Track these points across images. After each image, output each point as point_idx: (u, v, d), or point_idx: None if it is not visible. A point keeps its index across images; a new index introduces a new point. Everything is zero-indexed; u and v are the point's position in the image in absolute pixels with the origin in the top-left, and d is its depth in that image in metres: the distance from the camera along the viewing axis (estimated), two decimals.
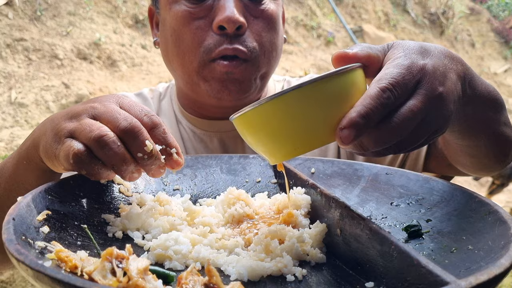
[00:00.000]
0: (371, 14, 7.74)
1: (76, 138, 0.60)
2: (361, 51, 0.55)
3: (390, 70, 0.52)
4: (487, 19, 9.37)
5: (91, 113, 0.62)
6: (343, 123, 0.49)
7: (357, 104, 0.50)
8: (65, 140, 0.61)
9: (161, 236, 0.58)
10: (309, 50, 6.52)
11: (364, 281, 0.52)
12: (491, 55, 8.89)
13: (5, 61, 4.11)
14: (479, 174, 0.89)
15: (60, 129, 0.62)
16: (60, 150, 0.61)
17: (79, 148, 0.58)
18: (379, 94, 0.50)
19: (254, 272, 0.53)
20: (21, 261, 0.41)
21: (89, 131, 0.59)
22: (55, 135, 0.63)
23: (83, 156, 0.58)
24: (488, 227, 0.54)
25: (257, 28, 0.95)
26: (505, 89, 8.15)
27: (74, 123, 0.62)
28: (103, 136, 0.58)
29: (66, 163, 0.59)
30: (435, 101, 0.52)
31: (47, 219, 0.55)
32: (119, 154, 0.59)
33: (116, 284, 0.41)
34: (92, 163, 0.59)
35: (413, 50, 0.55)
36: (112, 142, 0.58)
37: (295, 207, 0.68)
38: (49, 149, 0.63)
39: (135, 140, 0.60)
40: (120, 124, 0.60)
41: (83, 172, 0.60)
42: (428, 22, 8.51)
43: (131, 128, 0.60)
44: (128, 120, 0.60)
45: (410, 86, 0.52)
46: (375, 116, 0.49)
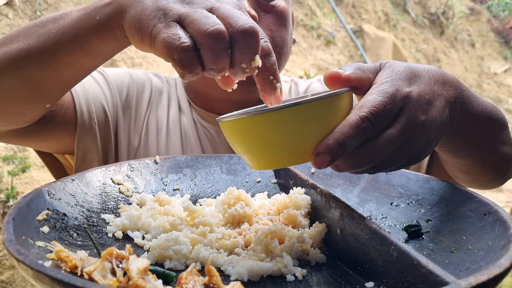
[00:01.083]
0: (371, 14, 7.74)
1: (184, 27, 0.53)
2: (353, 74, 0.54)
3: (373, 97, 0.51)
4: (487, 19, 9.38)
5: (208, 5, 0.55)
6: (320, 148, 0.50)
7: (336, 130, 0.50)
8: (171, 23, 0.53)
9: (161, 236, 0.58)
10: (309, 50, 6.52)
11: (364, 281, 0.52)
12: (491, 55, 8.89)
13: None
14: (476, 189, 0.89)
15: (168, 8, 0.54)
16: (161, 32, 0.52)
17: (188, 43, 0.51)
18: (358, 123, 0.50)
19: (254, 272, 0.53)
20: (21, 261, 0.41)
21: (204, 24, 0.51)
22: (158, 10, 0.54)
23: (190, 53, 0.51)
24: (488, 227, 0.54)
25: (267, 23, 0.95)
26: (505, 89, 8.16)
27: (186, 8, 0.54)
28: (218, 33, 0.50)
29: (165, 52, 0.51)
30: (414, 129, 0.52)
31: (47, 219, 0.55)
32: (225, 61, 0.52)
33: (116, 284, 0.41)
34: (193, 64, 0.51)
35: (401, 75, 0.54)
36: (224, 45, 0.51)
37: (295, 207, 0.68)
38: (144, 23, 0.55)
39: (248, 48, 0.52)
40: (241, 24, 0.52)
41: (179, 70, 0.52)
42: (428, 22, 8.51)
43: (251, 33, 0.52)
44: (250, 23, 0.52)
45: (392, 114, 0.51)
46: (351, 144, 0.50)
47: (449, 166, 0.84)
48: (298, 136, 0.52)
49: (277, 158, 0.54)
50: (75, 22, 0.67)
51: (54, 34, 0.68)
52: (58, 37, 0.68)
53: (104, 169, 0.72)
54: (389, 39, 7.05)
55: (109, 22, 0.63)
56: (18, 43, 0.71)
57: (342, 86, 0.54)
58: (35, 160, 3.25)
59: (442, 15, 8.60)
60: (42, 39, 0.69)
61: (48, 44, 0.69)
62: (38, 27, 0.71)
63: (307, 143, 0.52)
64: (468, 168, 0.78)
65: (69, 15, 0.69)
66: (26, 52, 0.70)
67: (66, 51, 0.69)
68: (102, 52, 0.69)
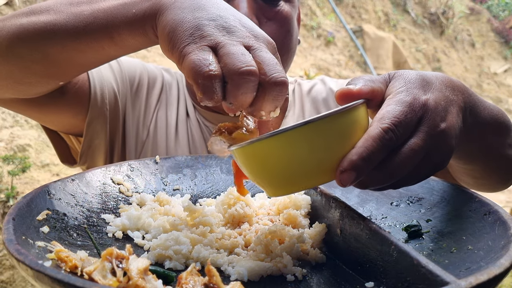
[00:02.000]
0: (371, 14, 7.74)
1: (217, 55, 0.52)
2: (364, 86, 0.53)
3: (392, 108, 0.50)
4: (487, 19, 9.38)
5: (248, 42, 0.53)
6: (344, 165, 0.48)
7: (358, 144, 0.48)
8: (204, 47, 0.52)
9: (161, 236, 0.58)
10: (309, 50, 6.52)
11: (364, 281, 0.52)
12: (491, 55, 8.89)
13: None
14: (482, 192, 0.88)
15: (207, 32, 0.53)
16: (192, 53, 0.51)
17: (217, 73, 0.50)
18: (381, 135, 0.48)
19: (254, 272, 0.53)
20: (21, 261, 0.41)
21: (239, 61, 0.50)
22: (197, 30, 0.53)
23: (216, 82, 0.50)
24: (488, 227, 0.54)
25: (270, 30, 0.94)
26: (505, 89, 8.16)
27: (225, 38, 0.53)
28: (252, 75, 0.50)
29: (191, 72, 0.50)
30: (436, 138, 0.51)
31: (47, 219, 0.55)
32: (247, 102, 0.51)
33: (116, 284, 0.42)
34: (215, 92, 0.50)
35: (415, 83, 0.53)
36: (253, 88, 0.50)
37: (295, 207, 0.68)
38: (178, 36, 0.54)
39: (274, 99, 0.52)
40: (273, 74, 0.51)
41: (198, 92, 0.51)
42: (428, 22, 8.51)
43: (282, 85, 0.51)
44: (282, 75, 0.52)
45: (412, 124, 0.50)
46: (376, 158, 0.48)
47: (456, 171, 0.83)
48: (319, 154, 0.49)
49: (298, 180, 0.51)
50: (110, 9, 0.65)
51: (86, 16, 0.66)
52: (90, 20, 0.66)
53: (104, 169, 0.72)
54: (389, 39, 7.05)
55: (144, 19, 0.61)
56: (47, 15, 0.69)
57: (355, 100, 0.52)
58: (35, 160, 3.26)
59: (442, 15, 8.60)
60: (72, 18, 0.67)
61: (77, 24, 0.66)
62: (72, 5, 0.68)
63: (329, 161, 0.49)
64: (476, 173, 0.77)
65: (106, 0, 0.67)
66: (53, 27, 0.67)
67: (94, 37, 0.66)
68: (128, 45, 0.67)
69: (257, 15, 0.92)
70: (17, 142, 3.55)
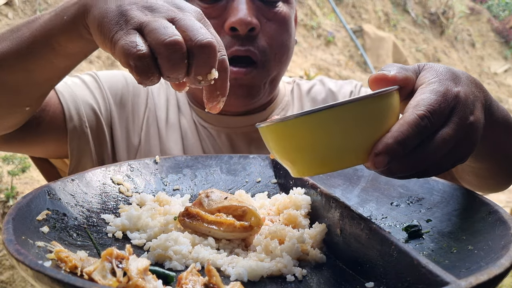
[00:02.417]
0: (371, 14, 7.74)
1: (143, 35, 0.53)
2: (399, 73, 0.55)
3: (427, 96, 0.51)
4: (487, 19, 9.38)
5: (170, 15, 0.56)
6: (379, 148, 0.49)
7: (393, 129, 0.49)
8: (131, 31, 0.54)
9: (161, 236, 0.58)
10: (309, 50, 6.52)
11: (364, 281, 0.52)
12: (491, 55, 8.89)
13: None
14: (482, 192, 0.89)
15: (130, 15, 0.55)
16: (121, 38, 0.53)
17: (144, 51, 0.51)
18: (417, 121, 0.49)
19: (254, 272, 0.53)
20: (21, 261, 0.41)
21: (163, 34, 0.52)
22: (120, 16, 0.55)
23: (146, 61, 0.52)
24: (488, 227, 0.54)
25: (269, 30, 0.95)
26: (505, 89, 8.16)
27: (148, 16, 0.55)
28: (175, 44, 0.51)
29: (123, 58, 0.53)
30: (465, 130, 0.52)
31: (47, 219, 0.55)
32: (181, 71, 0.53)
33: (116, 284, 0.41)
34: (150, 71, 0.52)
35: (446, 75, 0.55)
36: (181, 56, 0.52)
37: (295, 207, 0.68)
38: (106, 27, 0.56)
39: (205, 61, 0.53)
40: (199, 37, 0.53)
41: (135, 76, 0.53)
42: (428, 22, 8.51)
43: (209, 47, 0.53)
44: (208, 37, 0.53)
45: (445, 113, 0.51)
46: (411, 143, 0.49)
47: (462, 170, 0.84)
48: (354, 136, 0.49)
49: (330, 161, 0.51)
50: (45, 24, 0.68)
51: (27, 38, 0.69)
52: (30, 39, 0.69)
53: (104, 169, 0.72)
54: (389, 39, 7.05)
55: (74, 21, 0.63)
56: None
57: (388, 87, 0.53)
58: None
59: (442, 15, 8.60)
60: (15, 42, 0.70)
61: (20, 47, 0.70)
62: (13, 32, 0.72)
63: (363, 144, 0.50)
64: (483, 171, 0.77)
65: (41, 17, 0.70)
66: (0, 57, 0.71)
67: (39, 53, 0.69)
68: (72, 52, 0.70)
69: (256, 16, 0.93)
70: None
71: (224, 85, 0.59)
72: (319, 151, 0.51)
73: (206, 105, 0.61)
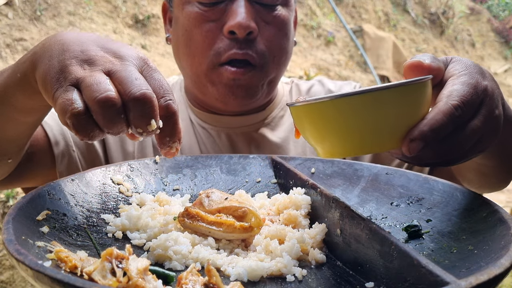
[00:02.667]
0: (371, 14, 7.74)
1: (80, 90, 0.53)
2: (433, 63, 0.56)
3: (459, 87, 0.53)
4: (487, 19, 9.37)
5: (107, 67, 0.55)
6: (414, 134, 0.51)
7: (429, 117, 0.51)
8: (68, 87, 0.53)
9: (161, 236, 0.58)
10: (309, 50, 6.52)
11: (364, 281, 0.52)
12: (491, 55, 8.89)
13: (5, 61, 4.10)
14: (481, 191, 0.90)
15: (68, 71, 0.55)
16: (59, 96, 0.53)
17: (79, 109, 0.51)
18: (451, 111, 0.51)
19: (254, 272, 0.53)
20: (21, 261, 0.41)
21: (95, 91, 0.51)
22: (60, 72, 0.55)
23: (81, 118, 0.51)
24: (488, 227, 0.54)
25: (268, 34, 0.96)
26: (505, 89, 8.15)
27: (85, 71, 0.54)
28: (107, 101, 0.51)
29: (61, 116, 0.53)
30: (491, 122, 0.55)
31: (47, 219, 0.55)
32: (118, 126, 0.53)
33: (116, 284, 0.41)
34: (87, 127, 0.52)
35: (475, 69, 0.57)
36: (115, 112, 0.52)
37: (295, 207, 0.68)
38: (48, 83, 0.56)
39: (141, 115, 0.53)
40: (132, 90, 0.52)
41: (73, 131, 0.53)
42: (428, 22, 8.51)
43: (143, 99, 0.52)
44: (143, 89, 0.53)
45: (476, 105, 0.54)
46: (444, 131, 0.51)
47: (465, 167, 0.85)
48: (390, 121, 0.51)
49: (363, 144, 0.53)
50: (4, 83, 0.69)
51: None
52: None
53: (104, 169, 0.72)
54: (389, 39, 7.05)
55: (27, 78, 0.64)
56: None
57: (423, 74, 0.55)
58: None
59: (442, 15, 8.60)
60: None
61: None
62: None
63: (397, 129, 0.52)
64: (488, 170, 0.79)
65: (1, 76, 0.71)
66: None
67: (2, 113, 0.71)
68: (32, 107, 0.70)
69: (255, 19, 0.94)
70: None
71: (172, 131, 0.57)
72: (353, 133, 0.52)
73: (160, 151, 0.60)
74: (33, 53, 0.63)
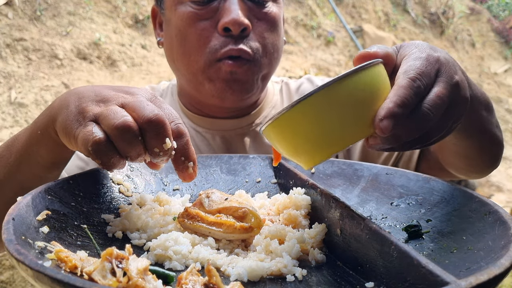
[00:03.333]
0: (371, 14, 7.74)
1: (99, 124, 0.59)
2: (379, 49, 0.59)
3: (412, 63, 0.55)
4: (487, 19, 9.37)
5: (120, 101, 0.61)
6: (382, 114, 0.52)
7: (390, 95, 0.53)
8: (88, 123, 0.59)
9: (161, 236, 0.58)
10: (309, 50, 6.52)
11: (364, 281, 0.52)
12: (491, 55, 8.89)
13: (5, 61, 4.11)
14: (469, 176, 0.93)
15: (86, 110, 0.60)
16: (80, 132, 0.59)
17: (100, 137, 0.57)
18: (410, 83, 0.53)
19: (254, 272, 0.53)
20: (21, 261, 0.41)
21: (113, 118, 0.57)
22: (79, 114, 0.61)
23: (102, 145, 0.57)
24: (488, 227, 0.54)
25: (260, 30, 0.98)
26: (505, 89, 8.15)
27: (101, 107, 0.60)
28: (125, 126, 0.57)
29: (83, 148, 0.58)
30: (454, 87, 0.57)
31: (47, 219, 0.55)
32: (137, 148, 0.58)
33: (116, 284, 0.41)
34: (109, 154, 0.58)
35: (424, 45, 0.59)
36: (133, 134, 0.57)
37: (295, 207, 0.68)
38: (68, 127, 0.61)
39: (157, 134, 0.58)
40: (145, 114, 0.58)
41: (97, 161, 0.58)
42: (428, 22, 8.51)
43: (156, 120, 0.58)
44: (155, 111, 0.59)
45: (432, 75, 0.56)
46: (410, 104, 0.52)
47: (450, 152, 0.87)
48: (351, 112, 0.52)
49: (334, 140, 0.53)
50: (25, 143, 0.74)
51: (12, 161, 0.75)
52: (16, 162, 0.75)
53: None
54: (389, 39, 7.05)
55: (47, 132, 0.68)
56: None
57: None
58: None
59: (442, 15, 8.60)
60: (4, 171, 0.76)
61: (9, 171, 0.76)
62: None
63: (362, 117, 0.52)
64: (470, 151, 0.80)
65: (18, 138, 0.76)
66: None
67: (27, 170, 0.74)
68: (54, 161, 0.73)
69: (248, 16, 0.96)
70: None
71: (186, 150, 0.63)
72: (323, 134, 0.52)
73: (179, 176, 0.65)
74: (51, 109, 0.68)
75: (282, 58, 4.72)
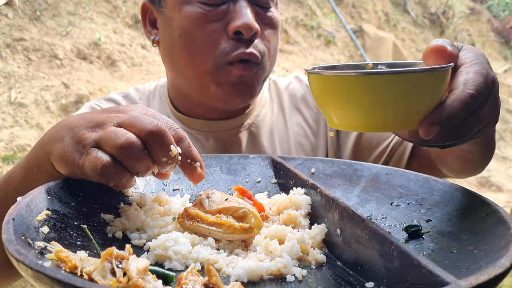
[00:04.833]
0: (371, 14, 7.74)
1: (101, 148, 0.59)
2: (453, 50, 0.59)
3: (473, 76, 0.56)
4: (487, 19, 9.37)
5: (116, 121, 0.61)
6: (434, 119, 0.54)
7: (447, 103, 0.54)
8: (90, 150, 0.59)
9: (161, 236, 0.58)
10: (309, 50, 6.52)
11: (364, 281, 0.52)
12: (491, 55, 8.89)
13: (5, 61, 4.11)
14: (459, 176, 0.96)
15: (84, 139, 0.61)
16: (85, 160, 0.59)
17: (107, 160, 0.58)
18: (467, 99, 0.54)
19: (254, 272, 0.53)
20: (21, 261, 0.41)
21: (115, 139, 0.58)
22: (78, 144, 0.61)
23: (111, 167, 0.58)
24: (488, 227, 0.54)
25: (266, 34, 0.99)
26: (505, 89, 8.16)
27: (98, 132, 0.61)
28: (129, 143, 0.57)
29: (93, 174, 0.58)
30: (495, 112, 0.60)
31: (47, 219, 0.55)
32: (145, 162, 0.59)
33: (116, 284, 0.41)
34: (119, 174, 0.59)
35: (483, 59, 0.60)
36: (139, 150, 0.58)
37: (295, 208, 0.68)
38: (70, 158, 0.61)
39: (161, 143, 0.59)
40: (146, 127, 0.59)
41: (110, 184, 0.60)
42: (428, 22, 8.51)
43: (157, 131, 0.59)
44: (154, 123, 0.60)
45: (485, 95, 0.57)
46: (458, 118, 0.54)
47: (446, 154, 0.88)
48: (411, 103, 0.54)
49: (382, 120, 0.55)
50: (23, 181, 0.73)
51: (10, 198, 0.73)
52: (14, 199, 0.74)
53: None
54: (389, 39, 7.05)
55: (43, 167, 0.68)
56: None
57: (444, 60, 0.57)
58: None
59: (442, 15, 8.60)
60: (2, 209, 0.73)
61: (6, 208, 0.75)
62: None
63: (416, 111, 0.54)
64: (470, 156, 0.82)
65: (13, 176, 0.75)
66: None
67: None
68: None
69: (256, 21, 0.96)
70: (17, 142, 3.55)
71: (190, 152, 0.64)
72: (377, 110, 0.54)
73: (190, 180, 0.67)
74: (43, 145, 0.67)
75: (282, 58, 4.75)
